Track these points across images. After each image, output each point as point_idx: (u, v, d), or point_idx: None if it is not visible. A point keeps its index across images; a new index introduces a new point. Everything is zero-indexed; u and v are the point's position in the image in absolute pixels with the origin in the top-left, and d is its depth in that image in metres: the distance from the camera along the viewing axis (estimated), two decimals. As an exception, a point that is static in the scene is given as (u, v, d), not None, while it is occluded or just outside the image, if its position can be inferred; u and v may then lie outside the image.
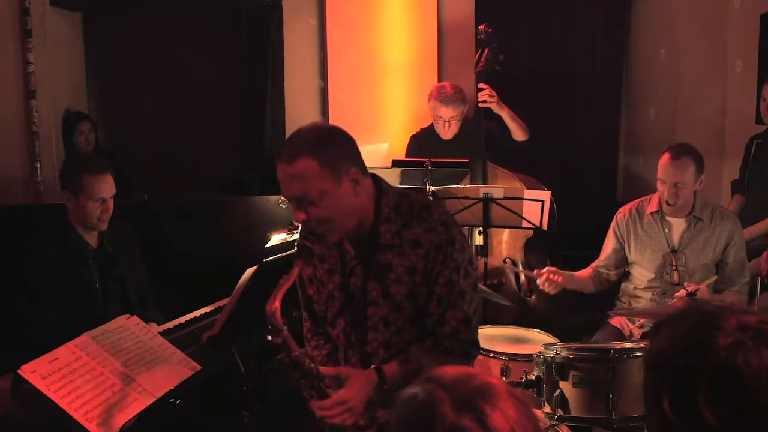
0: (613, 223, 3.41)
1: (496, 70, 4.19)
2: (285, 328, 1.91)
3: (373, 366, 2.00)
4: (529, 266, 4.09)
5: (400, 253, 1.98)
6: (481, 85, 4.16)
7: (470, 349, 2.06)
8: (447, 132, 4.29)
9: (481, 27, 4.23)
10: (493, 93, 4.15)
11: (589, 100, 5.48)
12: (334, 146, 1.90)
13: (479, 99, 4.15)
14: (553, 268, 3.27)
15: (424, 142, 4.39)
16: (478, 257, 3.80)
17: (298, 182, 1.87)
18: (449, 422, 1.03)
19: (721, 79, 4.49)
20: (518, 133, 4.27)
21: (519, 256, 4.13)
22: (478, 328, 2.09)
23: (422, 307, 2.01)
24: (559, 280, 3.23)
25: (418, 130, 4.51)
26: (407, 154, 4.46)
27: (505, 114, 4.23)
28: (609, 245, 3.42)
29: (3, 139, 4.56)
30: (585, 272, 3.45)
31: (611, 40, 5.43)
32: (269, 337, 1.92)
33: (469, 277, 2.02)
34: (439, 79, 4.87)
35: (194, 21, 5.29)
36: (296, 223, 1.99)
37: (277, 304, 1.89)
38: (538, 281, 3.27)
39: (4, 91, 4.55)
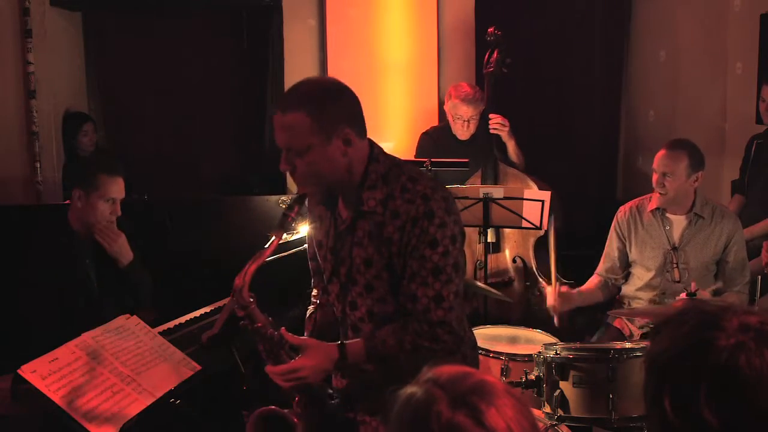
0: (614, 222, 3.39)
1: (504, 73, 4.18)
2: (252, 302, 1.94)
3: (338, 342, 2.00)
4: (538, 265, 4.10)
5: (381, 223, 1.95)
6: (492, 115, 4.17)
7: (440, 333, 1.93)
8: (465, 132, 4.24)
9: (491, 29, 4.23)
10: (506, 122, 4.17)
11: (589, 101, 5.48)
12: (332, 103, 1.91)
13: (490, 126, 4.16)
14: (563, 289, 3.23)
15: (438, 140, 4.33)
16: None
17: (287, 133, 1.89)
18: (444, 419, 1.03)
19: (721, 80, 4.48)
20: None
21: (529, 256, 4.15)
22: (456, 310, 1.96)
23: (399, 280, 1.97)
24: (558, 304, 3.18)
25: (429, 128, 4.46)
26: (418, 152, 4.40)
27: (512, 146, 4.24)
28: (613, 247, 3.38)
29: (3, 139, 4.56)
30: (591, 283, 3.41)
31: (611, 41, 5.43)
32: (235, 308, 1.94)
33: (448, 255, 1.92)
34: (439, 79, 4.87)
35: (194, 21, 5.29)
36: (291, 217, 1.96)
37: (247, 279, 1.91)
38: (548, 302, 3.20)
39: (4, 91, 4.55)
